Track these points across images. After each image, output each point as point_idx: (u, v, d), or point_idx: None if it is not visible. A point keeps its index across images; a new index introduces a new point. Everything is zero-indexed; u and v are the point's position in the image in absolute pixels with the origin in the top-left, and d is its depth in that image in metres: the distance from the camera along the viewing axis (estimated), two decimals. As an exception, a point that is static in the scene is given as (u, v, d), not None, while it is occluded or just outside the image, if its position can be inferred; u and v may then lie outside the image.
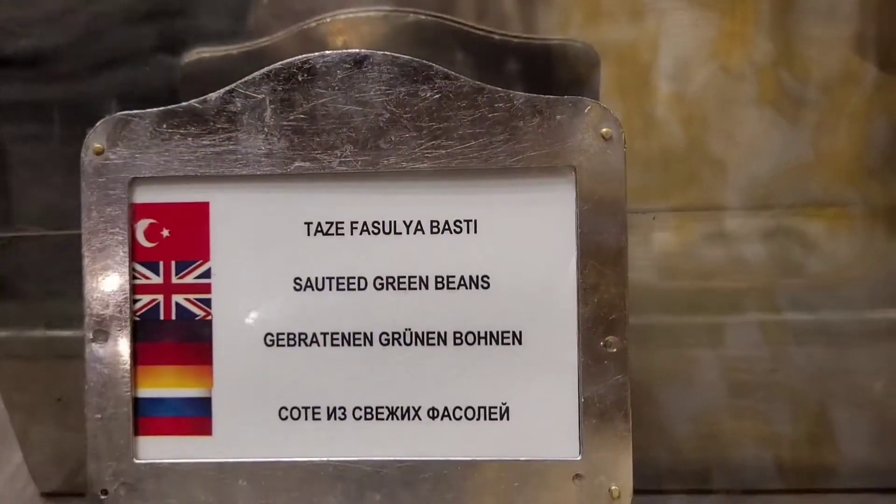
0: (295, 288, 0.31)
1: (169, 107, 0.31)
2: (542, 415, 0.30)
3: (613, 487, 0.30)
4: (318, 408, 0.31)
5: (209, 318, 0.31)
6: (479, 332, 0.30)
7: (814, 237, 0.40)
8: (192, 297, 0.31)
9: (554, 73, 0.38)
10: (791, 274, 0.40)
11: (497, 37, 0.38)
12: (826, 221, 0.39)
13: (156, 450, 0.31)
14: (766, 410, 0.41)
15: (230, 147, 0.31)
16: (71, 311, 0.35)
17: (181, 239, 0.31)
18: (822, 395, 0.41)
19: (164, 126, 0.31)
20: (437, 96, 0.30)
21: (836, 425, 0.42)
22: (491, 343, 0.30)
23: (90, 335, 0.31)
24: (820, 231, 0.39)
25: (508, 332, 0.30)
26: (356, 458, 0.30)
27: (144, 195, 0.31)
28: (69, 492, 0.46)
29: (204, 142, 0.31)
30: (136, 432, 0.31)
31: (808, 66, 0.37)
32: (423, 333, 0.30)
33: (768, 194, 0.38)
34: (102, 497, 0.31)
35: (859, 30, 0.37)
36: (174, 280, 0.31)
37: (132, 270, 0.31)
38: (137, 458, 0.31)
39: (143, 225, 0.31)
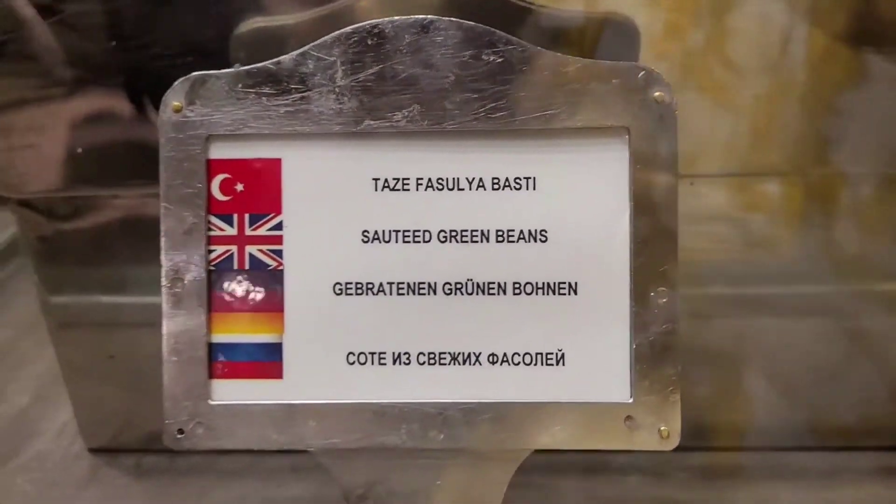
0: (363, 240, 0.33)
1: (244, 67, 0.32)
2: (596, 361, 0.32)
3: (663, 428, 0.32)
4: (384, 353, 0.33)
5: (281, 268, 0.33)
6: (536, 283, 0.32)
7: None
8: (264, 248, 0.33)
9: (596, 44, 0.40)
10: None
11: (543, 10, 0.40)
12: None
13: (229, 392, 0.33)
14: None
15: (302, 106, 0.32)
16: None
17: (254, 193, 0.33)
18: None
19: (240, 86, 0.32)
20: (499, 60, 0.32)
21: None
22: (548, 293, 0.32)
23: (167, 283, 0.32)
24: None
25: (565, 282, 0.32)
26: (420, 401, 0.32)
27: (220, 151, 0.33)
28: (116, 448, 0.48)
29: (277, 101, 0.32)
30: (211, 375, 0.33)
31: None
32: (484, 284, 0.32)
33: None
34: (179, 436, 0.32)
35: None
36: (248, 232, 0.33)
37: (207, 222, 0.33)
38: (212, 400, 0.32)
39: (218, 179, 0.33)
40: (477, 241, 0.32)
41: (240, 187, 0.33)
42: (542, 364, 0.32)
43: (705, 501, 0.45)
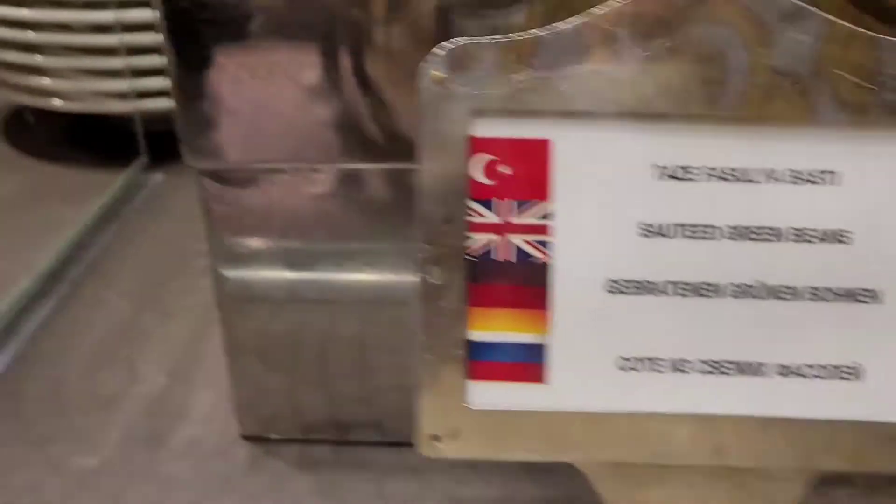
0: (641, 233, 0.29)
1: (514, 36, 0.29)
2: (898, 376, 0.29)
3: (972, 454, 0.29)
4: (661, 359, 0.30)
5: (547, 261, 0.30)
6: (835, 289, 0.29)
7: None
8: (529, 238, 0.30)
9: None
10: None
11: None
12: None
13: (487, 395, 0.30)
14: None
15: (579, 82, 0.29)
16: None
17: (520, 177, 0.29)
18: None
19: (511, 56, 0.29)
20: (807, 39, 0.29)
21: None
22: (848, 300, 0.29)
23: (423, 271, 0.29)
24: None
25: (868, 290, 0.29)
26: (698, 412, 0.29)
27: (484, 128, 0.29)
28: (273, 436, 0.45)
29: (551, 75, 0.29)
30: (468, 376, 0.30)
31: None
32: (775, 287, 0.29)
33: None
34: (435, 443, 0.29)
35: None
36: (512, 220, 0.30)
37: (468, 207, 0.29)
38: (470, 404, 0.29)
39: (480, 160, 0.29)
40: (770, 240, 0.29)
41: (504, 169, 0.29)
42: (836, 378, 0.29)
43: None
